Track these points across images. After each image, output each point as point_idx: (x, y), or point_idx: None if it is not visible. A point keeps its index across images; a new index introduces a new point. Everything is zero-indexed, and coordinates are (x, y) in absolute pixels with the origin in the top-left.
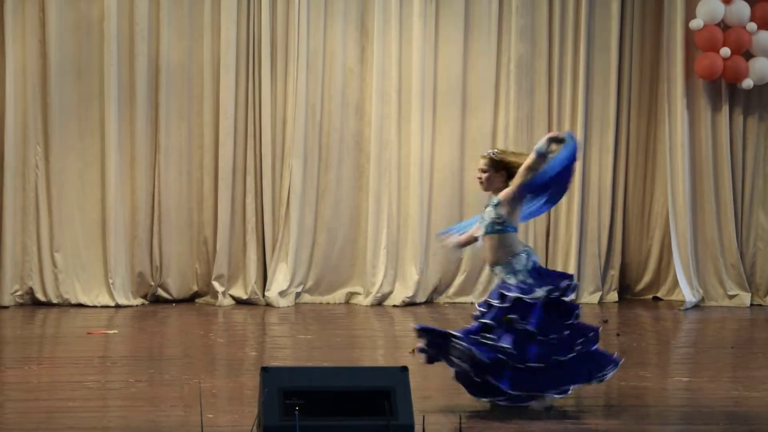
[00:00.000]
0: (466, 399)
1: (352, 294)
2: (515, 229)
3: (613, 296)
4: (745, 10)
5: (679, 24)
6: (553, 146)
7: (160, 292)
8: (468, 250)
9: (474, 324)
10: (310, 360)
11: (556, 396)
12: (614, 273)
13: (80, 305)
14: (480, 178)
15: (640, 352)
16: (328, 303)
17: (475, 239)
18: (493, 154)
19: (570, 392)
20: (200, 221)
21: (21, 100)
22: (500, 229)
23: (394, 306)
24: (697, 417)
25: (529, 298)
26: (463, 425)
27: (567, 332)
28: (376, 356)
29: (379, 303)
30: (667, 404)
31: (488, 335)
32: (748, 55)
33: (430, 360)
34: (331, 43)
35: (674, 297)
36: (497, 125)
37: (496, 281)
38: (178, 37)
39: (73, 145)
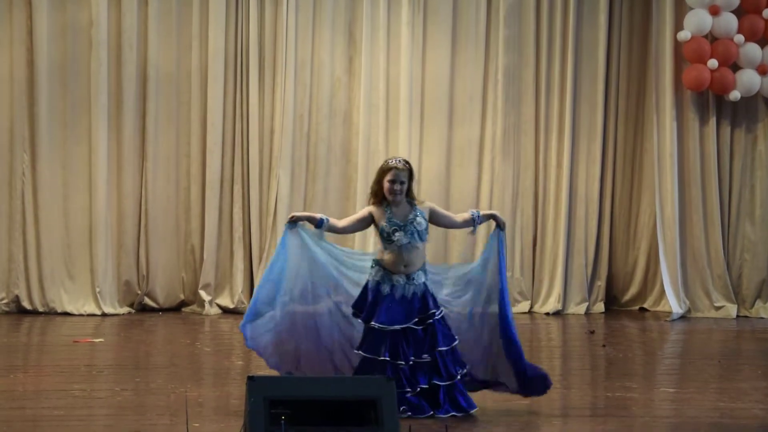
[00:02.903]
0: None
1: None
2: None
3: (600, 307)
4: (733, 22)
5: (668, 35)
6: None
7: (147, 300)
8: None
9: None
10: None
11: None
12: (601, 284)
13: (66, 314)
14: (398, 190)
15: (626, 363)
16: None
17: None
18: (409, 164)
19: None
20: (187, 230)
21: (8, 108)
22: (426, 238)
23: None
24: (683, 428)
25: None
26: None
27: None
28: None
29: None
30: (653, 415)
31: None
32: (736, 67)
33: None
34: (318, 52)
35: (661, 308)
36: (484, 134)
37: (407, 288)
38: (166, 46)
39: (60, 153)
